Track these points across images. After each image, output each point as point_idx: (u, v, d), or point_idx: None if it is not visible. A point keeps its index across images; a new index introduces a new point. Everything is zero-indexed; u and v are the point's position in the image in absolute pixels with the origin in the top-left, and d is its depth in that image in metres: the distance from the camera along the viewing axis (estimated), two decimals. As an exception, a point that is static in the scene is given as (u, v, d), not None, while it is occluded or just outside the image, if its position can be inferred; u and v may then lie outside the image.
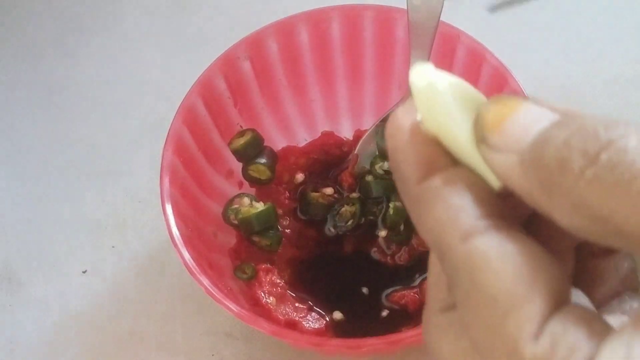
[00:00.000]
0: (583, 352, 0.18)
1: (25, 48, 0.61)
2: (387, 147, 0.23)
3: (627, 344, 0.18)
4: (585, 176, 0.18)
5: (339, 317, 0.44)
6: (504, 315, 0.19)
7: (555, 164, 0.19)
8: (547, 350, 0.18)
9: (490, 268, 0.20)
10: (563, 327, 0.19)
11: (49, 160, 0.55)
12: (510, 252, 0.20)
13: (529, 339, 0.19)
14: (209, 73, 0.45)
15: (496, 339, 0.19)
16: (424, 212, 0.22)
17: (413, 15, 0.40)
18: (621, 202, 0.18)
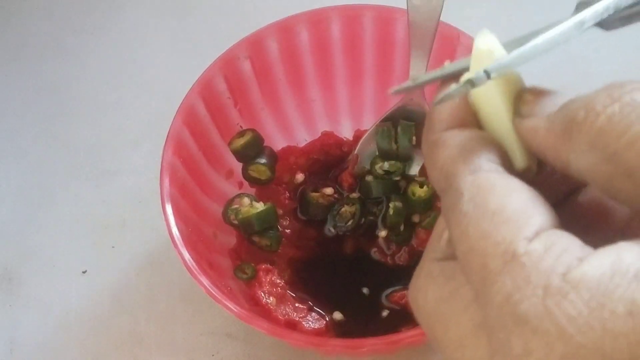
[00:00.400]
0: (574, 253, 0.19)
1: (25, 48, 0.61)
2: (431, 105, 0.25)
3: (617, 251, 0.19)
4: (607, 112, 0.20)
5: (339, 317, 0.44)
6: (501, 224, 0.20)
7: (581, 108, 0.21)
8: (540, 249, 0.20)
9: (494, 191, 0.21)
10: (558, 235, 0.20)
11: (49, 160, 0.55)
12: (514, 184, 0.22)
13: (524, 239, 0.20)
14: (209, 73, 0.45)
15: (489, 244, 0.20)
16: (440, 153, 0.24)
17: (413, 15, 0.40)
18: (636, 137, 0.20)
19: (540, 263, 0.19)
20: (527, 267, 0.19)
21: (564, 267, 0.19)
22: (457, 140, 0.24)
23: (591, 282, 0.19)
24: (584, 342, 0.18)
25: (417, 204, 0.44)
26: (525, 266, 0.19)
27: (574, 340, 0.18)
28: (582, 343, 0.18)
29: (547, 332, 0.19)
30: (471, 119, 0.25)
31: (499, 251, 0.20)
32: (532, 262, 0.19)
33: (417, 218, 0.45)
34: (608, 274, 0.19)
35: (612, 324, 0.18)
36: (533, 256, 0.20)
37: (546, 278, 0.19)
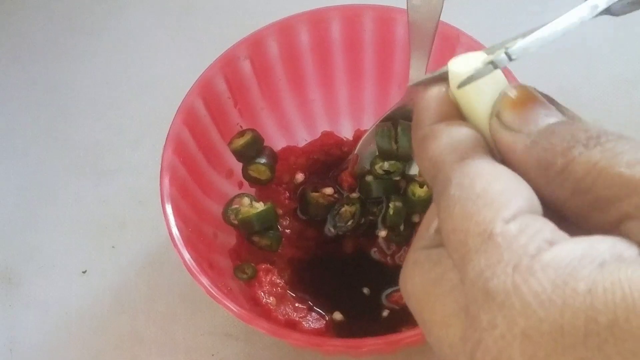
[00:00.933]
0: (546, 236, 0.20)
1: (25, 48, 0.61)
2: (415, 103, 0.26)
3: (590, 241, 0.20)
4: (581, 157, 0.22)
5: (339, 317, 0.44)
6: (483, 205, 0.22)
7: (560, 147, 0.22)
8: (515, 230, 0.21)
9: (481, 176, 0.22)
10: (533, 219, 0.21)
11: (49, 160, 0.55)
12: (499, 170, 0.23)
13: (501, 220, 0.21)
14: (209, 73, 0.45)
15: (470, 223, 0.21)
16: (429, 144, 0.25)
17: (413, 15, 0.40)
18: (607, 179, 0.21)
19: (513, 243, 0.20)
20: (501, 246, 0.21)
21: (535, 248, 0.20)
22: (445, 132, 0.25)
23: (560, 263, 0.20)
24: (544, 316, 0.19)
25: (417, 204, 0.44)
26: (500, 245, 0.21)
27: (536, 315, 0.19)
28: (543, 317, 0.19)
29: (512, 306, 0.20)
30: (456, 112, 0.26)
31: (478, 230, 0.21)
32: (505, 242, 0.21)
33: (417, 218, 0.45)
34: (577, 259, 0.20)
35: (572, 300, 0.19)
36: (507, 236, 0.21)
37: (517, 257, 0.20)
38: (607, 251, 0.20)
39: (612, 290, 0.19)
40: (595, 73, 0.56)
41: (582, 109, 0.60)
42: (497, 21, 0.58)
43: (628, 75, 0.55)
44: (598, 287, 0.19)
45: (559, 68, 0.55)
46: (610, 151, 0.21)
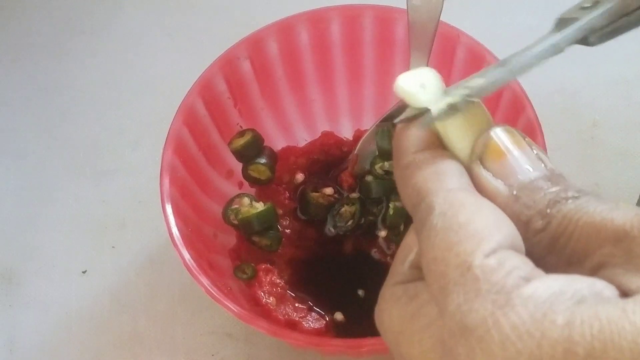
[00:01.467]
0: (523, 271, 0.21)
1: (25, 48, 0.61)
2: (395, 131, 0.27)
3: (568, 279, 0.21)
4: (559, 216, 0.22)
5: (340, 317, 0.44)
6: (464, 237, 0.22)
7: (541, 205, 0.23)
8: (494, 264, 0.21)
9: (464, 207, 0.23)
10: (512, 254, 0.21)
11: (49, 160, 0.55)
12: (483, 203, 0.23)
13: (481, 254, 0.21)
14: (209, 73, 0.45)
15: (451, 254, 0.22)
16: (413, 172, 0.25)
17: (413, 16, 0.40)
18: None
19: (491, 276, 0.21)
20: (480, 279, 0.21)
21: (512, 283, 0.20)
22: (430, 161, 0.25)
23: (539, 298, 0.20)
24: (522, 348, 0.19)
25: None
26: (478, 278, 0.21)
27: (514, 347, 0.20)
28: (521, 349, 0.19)
29: (490, 339, 0.20)
30: (437, 141, 0.26)
31: (458, 262, 0.21)
32: (484, 275, 0.21)
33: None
34: (556, 294, 0.20)
35: (551, 332, 0.19)
36: (486, 270, 0.21)
37: (496, 291, 0.20)
38: (586, 288, 0.20)
39: (589, 323, 0.19)
40: (595, 73, 0.56)
41: (582, 109, 0.60)
42: (497, 21, 0.58)
43: (628, 75, 0.56)
44: (576, 319, 0.19)
45: (559, 68, 0.55)
46: (585, 207, 0.22)
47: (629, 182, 0.51)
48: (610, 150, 0.52)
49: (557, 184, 0.23)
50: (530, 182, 0.23)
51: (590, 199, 0.22)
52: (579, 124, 0.53)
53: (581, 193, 0.23)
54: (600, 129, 0.53)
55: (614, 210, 0.22)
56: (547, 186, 0.23)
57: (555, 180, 0.24)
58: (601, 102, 0.54)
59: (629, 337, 0.18)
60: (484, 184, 0.24)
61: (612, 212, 0.22)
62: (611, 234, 0.21)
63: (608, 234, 0.21)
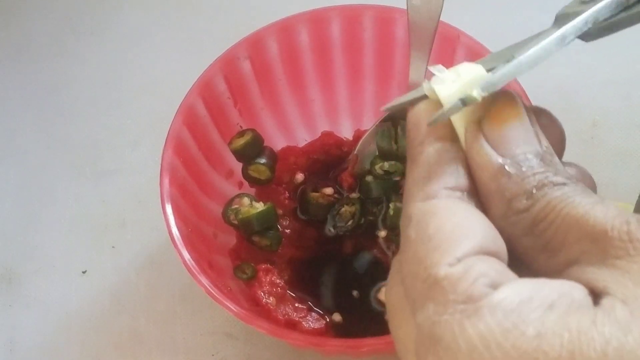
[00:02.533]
0: (490, 277, 0.21)
1: (25, 48, 0.61)
2: (407, 119, 0.26)
3: (538, 283, 0.20)
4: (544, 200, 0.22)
5: (338, 319, 0.44)
6: (432, 249, 0.22)
7: (529, 186, 0.23)
8: (459, 273, 0.21)
9: (435, 217, 0.22)
10: (478, 260, 0.21)
11: (49, 160, 0.55)
12: (456, 209, 0.23)
13: (445, 265, 0.21)
14: (209, 73, 0.45)
15: (420, 268, 0.22)
16: (411, 171, 0.25)
17: (413, 16, 0.40)
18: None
19: (457, 287, 0.21)
20: (447, 290, 0.21)
21: (479, 291, 0.20)
22: (425, 161, 0.24)
23: (508, 306, 0.20)
24: (490, 359, 0.19)
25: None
26: (445, 290, 0.21)
27: (482, 358, 0.19)
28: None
29: (458, 350, 0.20)
30: (447, 128, 0.25)
31: (425, 275, 0.21)
32: (450, 286, 0.21)
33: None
34: (525, 301, 0.20)
35: (520, 343, 0.19)
36: (451, 280, 0.21)
37: (463, 301, 0.20)
38: (556, 293, 0.20)
39: (559, 333, 0.19)
40: (595, 73, 0.56)
41: (582, 109, 0.60)
42: (497, 21, 0.58)
43: (628, 75, 0.56)
44: (547, 331, 0.19)
45: (559, 68, 0.55)
46: (570, 198, 0.22)
47: (629, 182, 0.51)
48: (610, 150, 0.52)
49: (549, 165, 0.23)
50: (524, 158, 0.23)
51: (577, 189, 0.22)
52: (578, 124, 0.53)
53: (570, 180, 0.23)
54: (600, 129, 0.53)
55: (598, 206, 0.22)
56: (538, 164, 0.23)
57: (548, 161, 0.23)
58: (601, 102, 0.54)
59: (597, 347, 0.18)
60: (477, 149, 0.24)
61: (595, 207, 0.22)
62: (590, 231, 0.21)
63: (587, 230, 0.21)
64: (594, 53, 0.56)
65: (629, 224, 0.21)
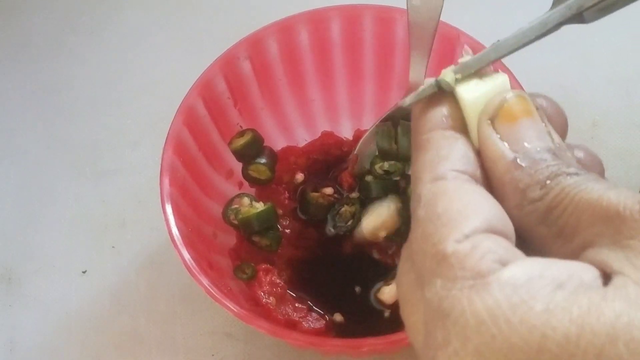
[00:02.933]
0: (497, 254, 0.21)
1: (25, 48, 0.61)
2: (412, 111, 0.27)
3: (548, 262, 0.20)
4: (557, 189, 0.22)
5: (339, 319, 0.44)
6: (440, 226, 0.22)
7: (542, 176, 0.23)
8: (466, 249, 0.21)
9: (444, 197, 0.23)
10: (486, 237, 0.21)
11: (49, 160, 0.55)
12: (464, 190, 0.23)
13: (453, 241, 0.21)
14: (209, 73, 0.45)
15: (428, 245, 0.22)
16: (419, 156, 0.25)
17: (413, 16, 0.40)
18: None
19: (465, 262, 0.21)
20: (454, 266, 0.21)
21: (487, 267, 0.20)
22: (434, 145, 0.25)
23: (517, 282, 0.20)
24: (497, 333, 0.19)
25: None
26: (452, 266, 0.21)
27: (489, 332, 0.20)
28: (496, 334, 0.19)
29: (466, 323, 0.20)
30: (456, 115, 0.26)
31: (433, 251, 0.22)
32: (458, 262, 0.21)
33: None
34: (535, 278, 0.20)
35: (528, 317, 0.19)
36: (459, 256, 0.21)
37: (471, 276, 0.20)
38: (565, 273, 0.20)
39: (569, 309, 0.19)
40: (595, 73, 0.56)
41: (582, 109, 0.60)
42: (497, 21, 0.58)
43: (627, 75, 0.56)
44: (556, 306, 0.19)
45: (559, 68, 0.55)
46: (583, 184, 0.22)
47: (629, 182, 0.51)
48: (610, 150, 0.52)
49: (561, 159, 0.23)
50: (536, 152, 0.23)
51: (590, 177, 0.23)
52: (578, 124, 0.53)
53: (582, 171, 0.23)
54: (600, 129, 0.53)
55: (611, 190, 0.22)
56: (551, 158, 0.23)
57: (560, 155, 0.24)
58: (601, 102, 0.54)
59: (607, 322, 0.18)
60: (490, 144, 0.24)
61: (608, 191, 0.22)
62: (603, 213, 0.21)
63: (601, 212, 0.21)
64: (594, 53, 0.57)
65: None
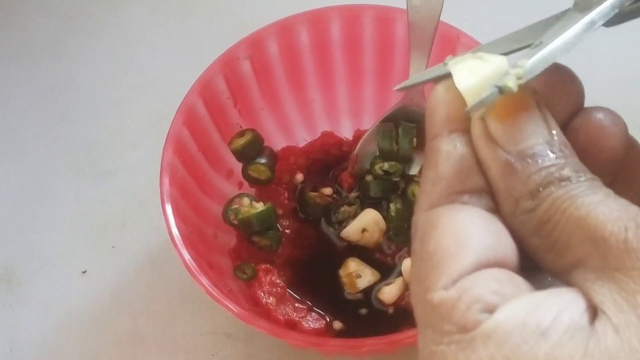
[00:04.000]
0: (485, 301, 0.20)
1: (25, 48, 0.61)
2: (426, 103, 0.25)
3: (532, 304, 0.20)
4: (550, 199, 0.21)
5: (338, 326, 0.44)
6: (430, 268, 0.21)
7: (535, 184, 0.22)
8: (453, 299, 0.20)
9: (436, 230, 0.22)
10: (474, 279, 0.21)
11: (49, 160, 0.55)
12: (457, 219, 0.22)
13: (440, 288, 0.21)
14: (209, 73, 0.45)
15: (420, 290, 0.21)
16: (423, 171, 0.24)
17: (413, 16, 0.40)
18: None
19: (452, 315, 0.20)
20: (443, 319, 0.20)
21: (474, 319, 0.20)
22: (433, 161, 0.23)
23: (501, 334, 0.19)
24: None
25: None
26: (441, 318, 0.20)
27: None
28: None
29: None
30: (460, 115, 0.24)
31: (424, 299, 0.21)
32: (445, 313, 0.20)
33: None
34: (519, 326, 0.19)
35: None
36: (446, 307, 0.20)
37: (458, 330, 0.20)
38: (550, 315, 0.19)
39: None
40: (595, 73, 0.56)
41: (582, 109, 0.59)
42: (497, 21, 0.58)
43: (628, 75, 0.56)
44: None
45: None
46: (574, 196, 0.21)
47: (629, 182, 0.51)
48: (610, 150, 0.52)
49: (558, 152, 0.22)
50: (529, 149, 0.22)
51: (582, 184, 0.21)
52: (579, 124, 0.53)
53: (577, 173, 0.22)
54: (600, 129, 0.53)
55: (601, 206, 0.21)
56: (546, 156, 0.22)
57: (556, 148, 0.22)
58: (601, 102, 0.54)
59: None
60: (481, 146, 0.23)
61: (597, 207, 0.21)
62: (591, 234, 0.20)
63: (589, 232, 0.21)
64: (594, 53, 0.56)
65: (627, 230, 0.20)
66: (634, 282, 0.19)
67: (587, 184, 0.22)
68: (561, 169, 0.22)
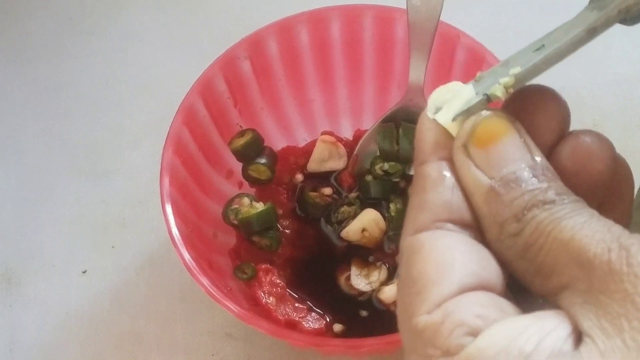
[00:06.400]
0: (469, 325, 0.20)
1: (25, 48, 0.61)
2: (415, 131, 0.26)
3: (515, 329, 0.20)
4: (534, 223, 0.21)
5: (338, 329, 0.44)
6: (415, 294, 0.21)
7: (518, 207, 0.22)
8: (437, 323, 0.20)
9: (419, 256, 0.22)
10: (457, 304, 0.21)
11: (49, 160, 0.55)
12: (440, 245, 0.22)
13: (423, 313, 0.21)
14: (209, 73, 0.45)
15: (405, 316, 0.22)
16: (411, 196, 0.24)
17: (413, 16, 0.40)
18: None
19: (436, 340, 0.20)
20: (426, 343, 0.21)
21: (457, 343, 0.20)
22: (420, 187, 0.24)
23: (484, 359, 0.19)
24: None
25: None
26: (425, 342, 0.21)
27: None
28: None
29: None
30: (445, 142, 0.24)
31: (410, 326, 0.21)
32: (429, 338, 0.20)
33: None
34: (502, 351, 0.19)
35: None
36: (430, 331, 0.20)
37: (442, 355, 0.20)
38: (534, 340, 0.19)
39: None
40: (595, 73, 0.56)
41: (582, 109, 0.60)
42: (497, 21, 0.58)
43: (628, 75, 0.55)
44: None
45: (559, 68, 0.55)
46: (558, 219, 0.21)
47: (629, 182, 0.51)
48: (610, 150, 0.52)
49: (541, 176, 0.22)
50: (512, 174, 0.22)
51: (566, 207, 0.21)
52: (579, 124, 0.53)
53: (561, 196, 0.22)
54: (600, 129, 0.53)
55: (585, 227, 0.21)
56: (529, 180, 0.22)
57: (538, 172, 0.22)
58: (601, 102, 0.54)
59: None
60: (464, 173, 0.23)
61: (582, 229, 0.21)
62: (576, 257, 0.20)
63: (574, 254, 0.20)
64: (594, 53, 0.56)
65: (610, 251, 0.20)
66: (618, 305, 0.19)
67: (571, 205, 0.21)
68: (544, 192, 0.22)
